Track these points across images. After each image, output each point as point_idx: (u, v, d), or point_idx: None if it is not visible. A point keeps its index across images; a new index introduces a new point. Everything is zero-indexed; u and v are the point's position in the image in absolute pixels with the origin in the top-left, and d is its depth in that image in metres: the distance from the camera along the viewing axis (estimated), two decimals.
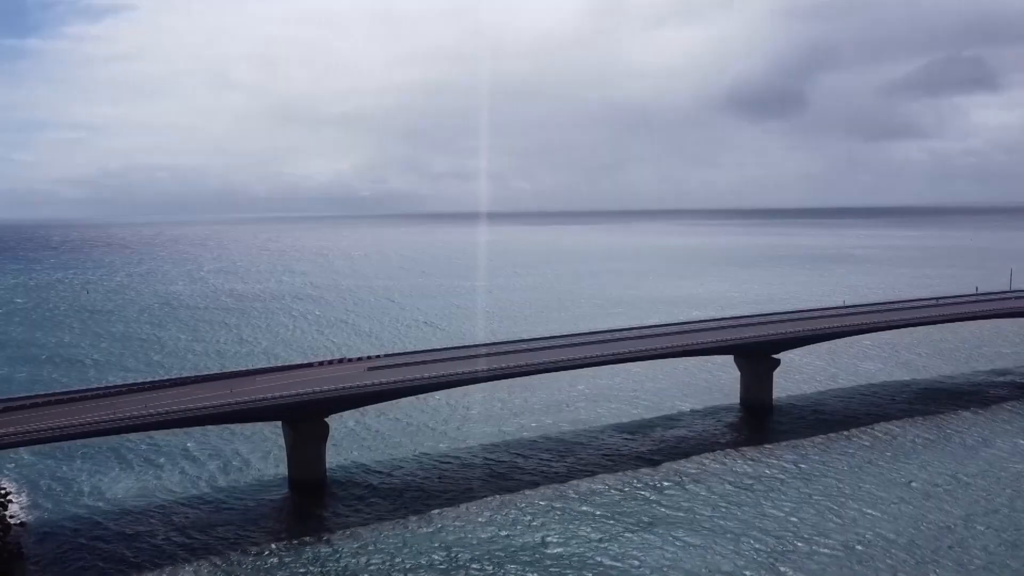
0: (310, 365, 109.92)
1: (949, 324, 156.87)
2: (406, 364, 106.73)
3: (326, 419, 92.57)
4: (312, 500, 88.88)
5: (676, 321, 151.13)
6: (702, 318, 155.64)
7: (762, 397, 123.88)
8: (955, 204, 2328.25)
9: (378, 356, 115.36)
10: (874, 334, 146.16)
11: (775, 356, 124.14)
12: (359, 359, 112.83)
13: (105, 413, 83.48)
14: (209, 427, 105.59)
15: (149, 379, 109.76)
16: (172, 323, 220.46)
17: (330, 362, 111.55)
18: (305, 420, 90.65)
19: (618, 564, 72.13)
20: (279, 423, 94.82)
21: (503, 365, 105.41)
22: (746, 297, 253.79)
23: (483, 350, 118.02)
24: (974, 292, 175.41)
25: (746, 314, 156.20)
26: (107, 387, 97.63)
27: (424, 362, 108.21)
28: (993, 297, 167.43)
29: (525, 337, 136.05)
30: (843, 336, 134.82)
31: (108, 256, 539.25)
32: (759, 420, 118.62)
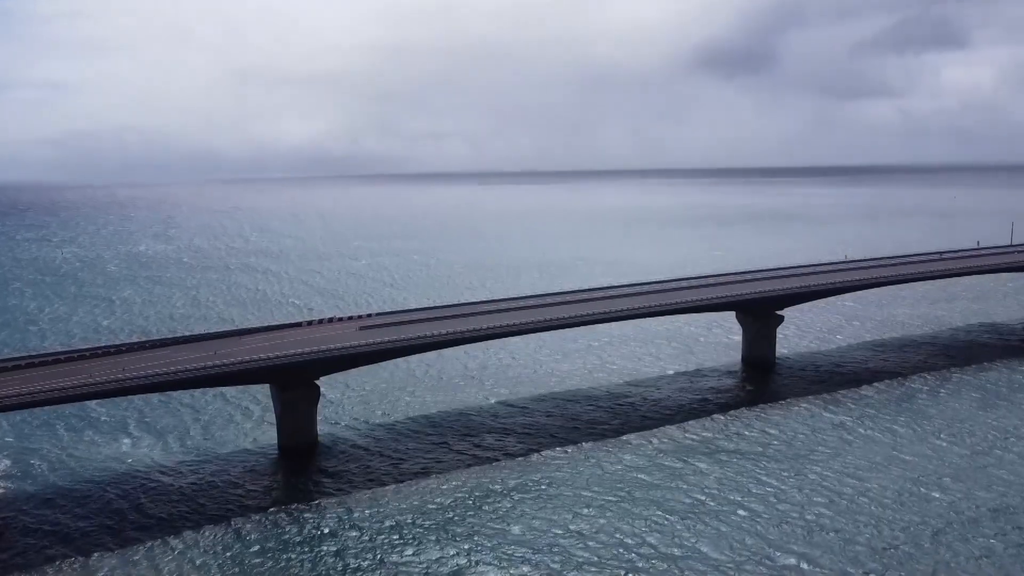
0: (299, 325, 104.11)
1: (953, 279, 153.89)
2: (400, 323, 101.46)
3: (317, 381, 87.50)
4: (303, 465, 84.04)
5: (674, 277, 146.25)
6: (700, 274, 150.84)
7: (765, 354, 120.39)
8: (929, 163, 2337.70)
9: (370, 315, 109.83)
10: (877, 289, 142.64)
11: (779, 312, 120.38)
12: (350, 318, 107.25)
13: (81, 378, 77.48)
14: (194, 391, 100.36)
15: (126, 341, 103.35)
16: (137, 284, 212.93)
17: (320, 321, 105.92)
18: (295, 383, 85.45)
19: (622, 529, 68.01)
20: (267, 386, 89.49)
21: (498, 323, 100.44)
22: (738, 256, 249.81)
23: (478, 308, 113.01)
24: (976, 247, 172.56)
25: (745, 269, 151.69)
26: (80, 350, 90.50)
27: (419, 320, 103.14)
28: (995, 252, 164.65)
29: (520, 295, 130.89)
30: (849, 291, 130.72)
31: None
32: (762, 378, 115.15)
